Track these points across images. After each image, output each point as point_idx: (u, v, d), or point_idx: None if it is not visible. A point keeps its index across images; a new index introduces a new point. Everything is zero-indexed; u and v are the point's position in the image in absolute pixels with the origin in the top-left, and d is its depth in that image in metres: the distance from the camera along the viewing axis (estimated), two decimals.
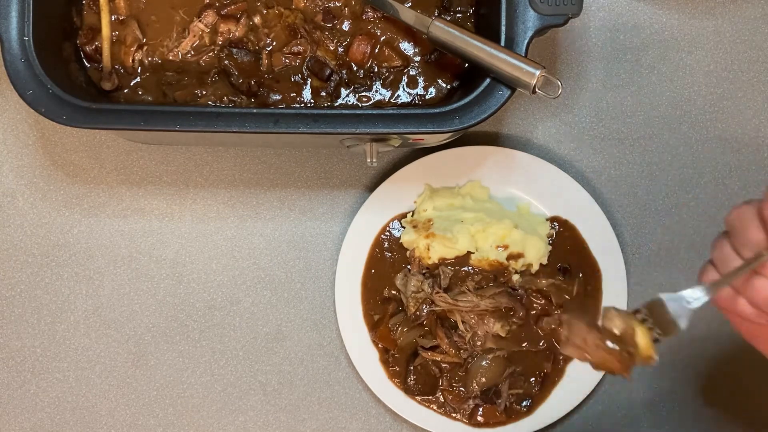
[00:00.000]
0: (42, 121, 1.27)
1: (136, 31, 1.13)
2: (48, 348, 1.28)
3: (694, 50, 1.28)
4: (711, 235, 1.28)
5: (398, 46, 1.14)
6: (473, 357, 1.23)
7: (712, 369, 1.28)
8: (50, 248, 1.28)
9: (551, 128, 1.28)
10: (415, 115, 1.02)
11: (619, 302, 1.24)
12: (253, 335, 1.28)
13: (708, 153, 1.28)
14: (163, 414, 1.28)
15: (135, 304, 1.28)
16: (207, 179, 1.28)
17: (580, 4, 1.01)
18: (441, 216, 1.22)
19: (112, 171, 1.28)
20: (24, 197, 1.28)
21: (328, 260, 1.28)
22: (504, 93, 1.01)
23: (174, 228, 1.28)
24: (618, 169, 1.28)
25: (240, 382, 1.28)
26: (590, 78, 1.28)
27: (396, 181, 1.24)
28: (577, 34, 1.28)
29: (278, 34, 1.13)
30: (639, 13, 1.28)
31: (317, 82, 1.13)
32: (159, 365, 1.28)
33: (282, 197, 1.28)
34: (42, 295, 1.28)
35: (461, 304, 1.20)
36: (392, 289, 1.24)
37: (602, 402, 1.28)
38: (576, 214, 1.25)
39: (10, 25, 1.02)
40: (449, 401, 1.23)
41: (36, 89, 1.01)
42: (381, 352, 1.24)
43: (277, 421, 1.28)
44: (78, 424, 1.28)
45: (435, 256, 1.22)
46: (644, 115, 1.28)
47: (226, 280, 1.28)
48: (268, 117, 1.02)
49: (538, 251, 1.22)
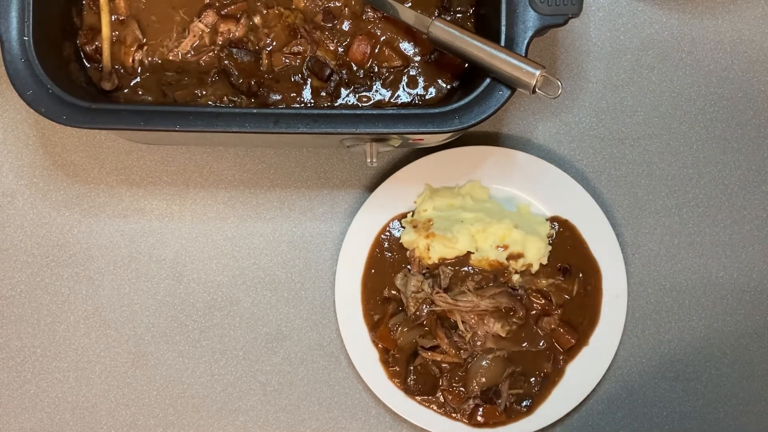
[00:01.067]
0: (42, 121, 1.27)
1: (136, 31, 1.13)
2: (48, 348, 1.28)
3: (694, 50, 1.28)
4: (711, 234, 1.29)
5: (398, 46, 1.14)
6: (473, 357, 1.23)
7: (713, 369, 1.28)
8: (50, 248, 1.28)
9: (551, 128, 1.28)
10: (415, 115, 1.02)
11: (619, 302, 1.24)
12: (253, 335, 1.28)
13: (708, 153, 1.28)
14: (163, 414, 1.28)
15: (135, 304, 1.28)
16: (207, 179, 1.28)
17: (580, 4, 1.01)
18: (441, 216, 1.22)
19: (112, 171, 1.28)
20: (24, 197, 1.28)
21: (328, 260, 1.28)
22: (504, 93, 1.01)
23: (174, 228, 1.28)
24: (618, 169, 1.28)
25: (240, 382, 1.28)
26: (590, 78, 1.28)
27: (396, 181, 1.24)
28: (577, 34, 1.28)
29: (278, 34, 1.13)
30: (639, 13, 1.28)
31: (317, 82, 1.13)
32: (159, 365, 1.28)
33: (282, 197, 1.28)
34: (42, 295, 1.28)
35: (461, 304, 1.20)
36: (392, 289, 1.24)
37: (602, 402, 1.28)
38: (576, 214, 1.25)
39: (10, 25, 1.02)
40: (449, 401, 1.23)
41: (36, 89, 1.01)
42: (381, 352, 1.24)
43: (277, 421, 1.28)
44: (78, 424, 1.28)
45: (435, 256, 1.22)
46: (644, 115, 1.28)
47: (226, 280, 1.28)
48: (268, 117, 1.02)
49: (538, 251, 1.22)
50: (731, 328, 1.29)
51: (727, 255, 1.28)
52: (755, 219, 1.28)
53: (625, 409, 1.28)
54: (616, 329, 1.24)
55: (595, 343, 1.24)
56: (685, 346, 1.28)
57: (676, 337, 1.28)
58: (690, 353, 1.28)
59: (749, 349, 1.29)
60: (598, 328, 1.24)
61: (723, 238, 1.28)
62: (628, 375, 1.28)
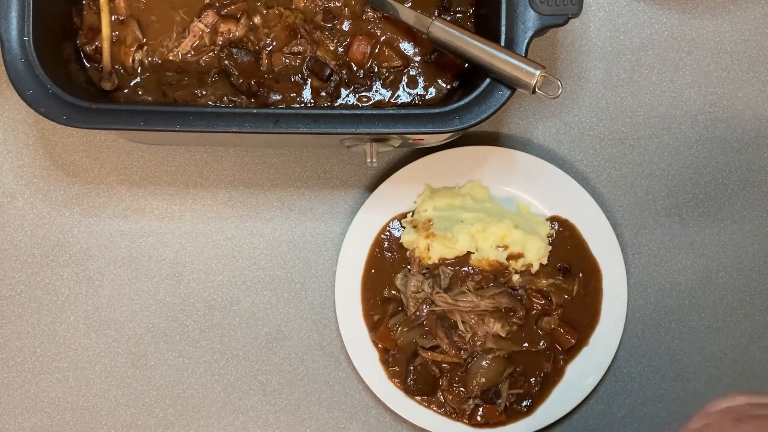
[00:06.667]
0: (42, 121, 1.27)
1: (136, 31, 1.13)
2: (48, 348, 1.28)
3: (694, 50, 1.28)
4: (711, 234, 1.29)
5: (398, 46, 1.14)
6: (473, 357, 1.23)
7: (713, 369, 1.28)
8: (50, 248, 1.28)
9: (551, 128, 1.28)
10: (415, 115, 1.02)
11: (619, 302, 1.24)
12: (253, 335, 1.28)
13: (708, 153, 1.28)
14: (163, 414, 1.28)
15: (135, 304, 1.28)
16: (207, 179, 1.28)
17: (580, 4, 1.01)
18: (441, 216, 1.22)
19: (112, 171, 1.28)
20: (24, 197, 1.28)
21: (328, 260, 1.28)
22: (504, 93, 1.01)
23: (174, 228, 1.28)
24: (618, 169, 1.28)
25: (240, 382, 1.28)
26: (590, 78, 1.28)
27: (396, 181, 1.24)
28: (577, 34, 1.28)
29: (278, 34, 1.13)
30: (639, 13, 1.28)
31: (317, 82, 1.13)
32: (159, 365, 1.28)
33: (282, 197, 1.28)
34: (42, 295, 1.28)
35: (461, 304, 1.20)
36: (392, 289, 1.24)
37: (602, 402, 1.28)
38: (576, 214, 1.25)
39: (10, 25, 1.02)
40: (449, 401, 1.23)
41: (36, 89, 1.01)
42: (381, 352, 1.24)
43: (277, 421, 1.28)
44: (78, 424, 1.28)
45: (435, 256, 1.22)
46: (644, 115, 1.28)
47: (226, 280, 1.28)
48: (268, 117, 1.02)
49: (538, 251, 1.22)
50: (731, 328, 1.29)
51: (727, 255, 1.28)
52: (755, 219, 1.28)
53: (625, 409, 1.28)
54: (616, 329, 1.24)
55: (595, 343, 1.24)
56: (685, 346, 1.28)
57: (676, 337, 1.28)
58: (690, 353, 1.28)
59: (749, 349, 1.29)
60: (598, 328, 1.24)
61: (723, 238, 1.28)
62: (628, 375, 1.28)
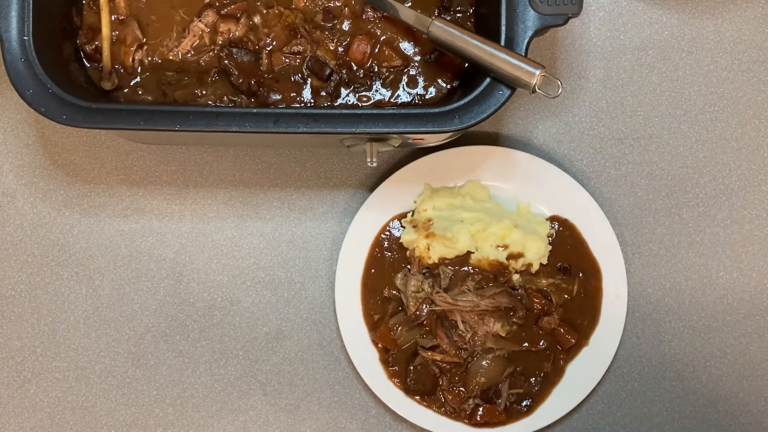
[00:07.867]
0: (42, 121, 1.27)
1: (136, 30, 1.13)
2: (48, 348, 1.28)
3: (694, 50, 1.28)
4: (711, 235, 1.29)
5: (398, 46, 1.14)
6: (473, 357, 1.23)
7: (713, 369, 1.28)
8: (50, 248, 1.28)
9: (551, 128, 1.28)
10: (415, 114, 1.02)
11: (619, 302, 1.24)
12: (253, 335, 1.28)
13: (708, 153, 1.28)
14: (163, 414, 1.28)
15: (135, 304, 1.28)
16: (207, 179, 1.28)
17: (580, 4, 1.01)
18: (441, 216, 1.22)
19: (112, 171, 1.28)
20: (24, 197, 1.28)
21: (328, 260, 1.28)
22: (504, 93, 1.01)
23: (174, 228, 1.28)
24: (618, 169, 1.28)
25: (240, 382, 1.28)
26: (590, 78, 1.28)
27: (396, 181, 1.24)
28: (577, 34, 1.28)
29: (278, 34, 1.13)
30: (639, 13, 1.28)
31: (317, 82, 1.13)
32: (159, 365, 1.28)
33: (282, 197, 1.28)
34: (42, 295, 1.28)
35: (461, 304, 1.20)
36: (392, 289, 1.24)
37: (602, 402, 1.28)
38: (576, 214, 1.25)
39: (10, 25, 1.02)
40: (449, 401, 1.23)
41: (36, 89, 1.01)
42: (381, 352, 1.24)
43: (277, 421, 1.28)
44: (78, 424, 1.28)
45: (435, 256, 1.22)
46: (644, 115, 1.28)
47: (226, 280, 1.28)
48: (268, 117, 1.02)
49: (538, 251, 1.22)
50: (731, 328, 1.29)
51: (727, 255, 1.28)
52: (755, 219, 1.28)
53: (625, 409, 1.28)
54: (616, 329, 1.24)
55: (595, 343, 1.24)
56: (685, 346, 1.28)
57: (676, 337, 1.28)
58: (690, 353, 1.28)
59: (749, 349, 1.29)
60: (598, 328, 1.24)
61: (723, 238, 1.28)
62: (628, 375, 1.28)
